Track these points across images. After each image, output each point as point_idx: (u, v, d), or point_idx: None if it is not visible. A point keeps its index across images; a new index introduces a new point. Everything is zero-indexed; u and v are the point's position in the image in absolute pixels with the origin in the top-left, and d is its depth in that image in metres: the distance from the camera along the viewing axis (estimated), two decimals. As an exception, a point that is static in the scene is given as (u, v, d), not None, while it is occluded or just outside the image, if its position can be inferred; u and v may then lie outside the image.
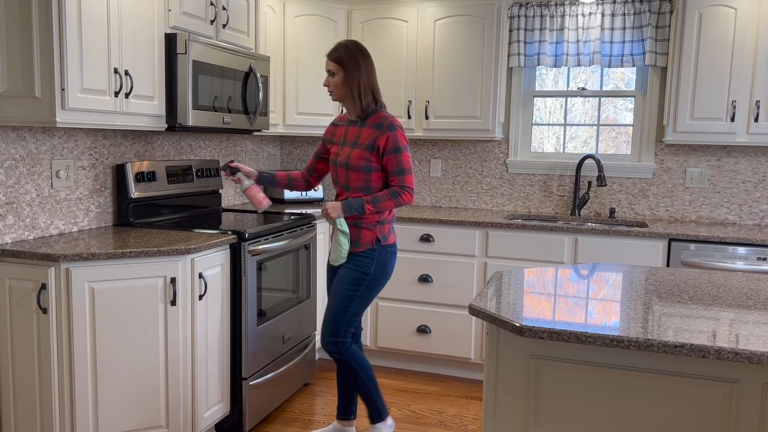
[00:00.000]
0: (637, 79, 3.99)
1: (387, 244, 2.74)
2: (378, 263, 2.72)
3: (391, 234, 2.77)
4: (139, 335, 2.52)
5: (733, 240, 3.28)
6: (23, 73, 2.37)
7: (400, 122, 2.73)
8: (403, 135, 2.66)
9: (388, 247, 2.74)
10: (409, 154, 2.67)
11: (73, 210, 2.88)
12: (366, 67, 2.67)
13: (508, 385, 1.79)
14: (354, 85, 2.66)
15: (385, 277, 2.76)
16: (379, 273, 2.74)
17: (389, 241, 2.75)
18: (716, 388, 1.59)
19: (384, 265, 2.74)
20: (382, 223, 2.72)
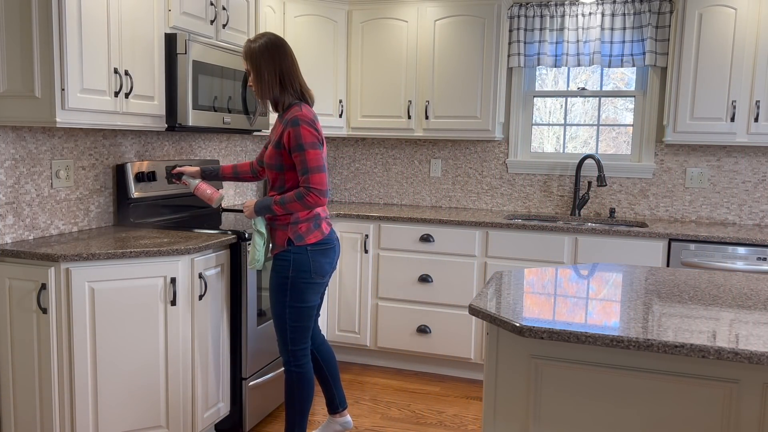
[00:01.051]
0: (637, 79, 3.99)
1: (304, 244, 2.54)
2: (294, 264, 2.54)
3: (312, 232, 2.56)
4: (139, 335, 2.52)
5: (733, 240, 3.28)
6: (23, 73, 2.37)
7: (310, 117, 2.47)
8: (309, 131, 2.44)
9: (308, 246, 2.55)
10: (316, 151, 2.45)
11: (73, 210, 2.88)
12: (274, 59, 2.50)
13: (508, 385, 1.79)
14: (263, 80, 2.51)
15: (309, 276, 2.56)
16: (300, 274, 2.54)
17: (307, 240, 2.54)
18: (716, 388, 1.59)
19: (304, 265, 2.54)
20: (296, 223, 2.54)
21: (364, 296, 3.92)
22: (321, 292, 2.66)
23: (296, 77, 2.55)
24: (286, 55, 2.53)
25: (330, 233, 2.64)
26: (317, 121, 2.53)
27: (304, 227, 2.55)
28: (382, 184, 4.52)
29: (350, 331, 3.97)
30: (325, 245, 2.60)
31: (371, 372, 3.91)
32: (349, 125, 4.21)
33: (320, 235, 2.58)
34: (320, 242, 2.58)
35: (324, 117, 4.13)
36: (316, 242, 2.57)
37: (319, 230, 2.59)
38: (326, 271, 2.62)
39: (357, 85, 4.15)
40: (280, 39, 2.54)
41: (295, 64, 2.56)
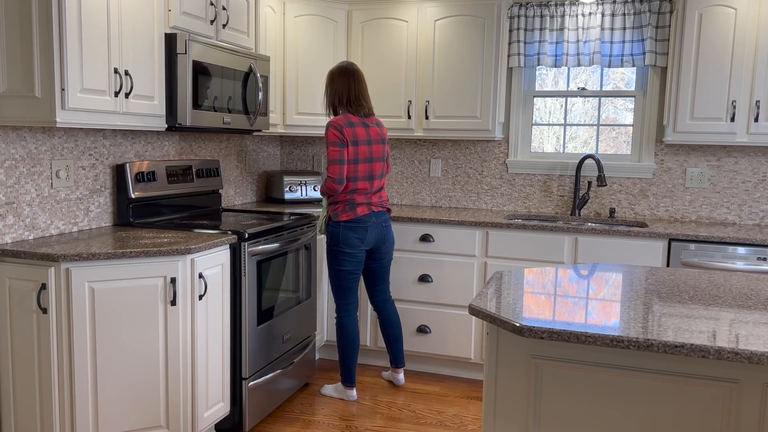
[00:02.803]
0: (637, 79, 3.99)
1: (338, 220, 3.25)
2: (332, 236, 3.28)
3: (346, 212, 3.24)
4: (139, 335, 2.52)
5: (733, 240, 3.28)
6: (23, 73, 2.37)
7: (339, 122, 3.19)
8: (333, 132, 3.18)
9: (341, 222, 3.25)
10: (334, 148, 3.18)
11: (73, 210, 2.88)
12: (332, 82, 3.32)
13: (508, 385, 1.79)
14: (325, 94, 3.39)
15: (340, 246, 3.27)
16: (332, 244, 3.29)
17: (340, 218, 3.25)
18: (716, 388, 1.59)
19: (336, 237, 3.26)
20: (335, 204, 3.28)
21: (364, 296, 3.92)
22: (356, 261, 3.32)
23: (345, 94, 3.28)
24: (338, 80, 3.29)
25: (366, 216, 3.27)
26: (349, 126, 3.20)
27: (340, 208, 3.26)
28: (382, 184, 4.51)
29: (350, 331, 3.97)
30: (355, 224, 3.25)
31: (371, 372, 3.91)
32: (349, 125, 4.21)
33: (353, 215, 3.24)
34: (351, 221, 3.24)
35: (324, 117, 4.13)
36: (347, 220, 3.24)
37: (353, 212, 3.24)
38: (354, 245, 3.27)
39: (357, 85, 4.15)
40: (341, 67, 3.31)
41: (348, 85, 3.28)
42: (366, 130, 3.26)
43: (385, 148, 3.36)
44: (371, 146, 3.27)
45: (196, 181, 3.51)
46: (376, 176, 3.30)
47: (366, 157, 3.26)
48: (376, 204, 3.32)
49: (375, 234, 3.32)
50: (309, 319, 3.61)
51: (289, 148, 4.71)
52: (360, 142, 3.22)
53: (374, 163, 3.29)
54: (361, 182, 3.25)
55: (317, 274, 3.78)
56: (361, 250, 3.31)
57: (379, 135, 3.32)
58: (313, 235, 3.59)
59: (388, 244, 3.42)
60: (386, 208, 3.41)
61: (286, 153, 4.72)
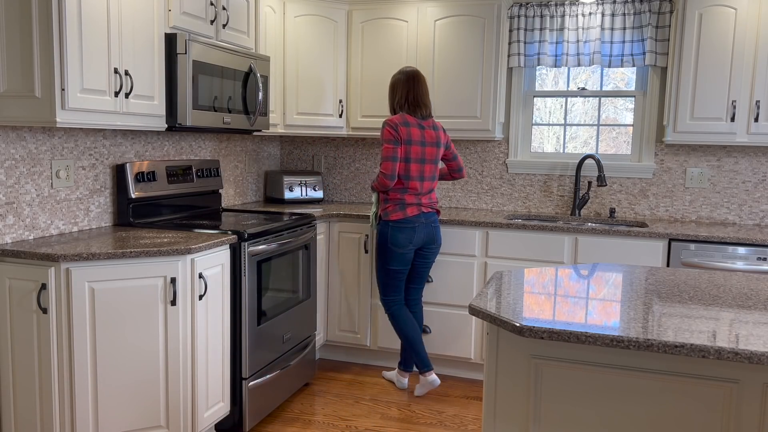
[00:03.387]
0: (637, 79, 3.99)
1: (388, 219, 3.32)
2: (381, 234, 3.36)
3: (395, 212, 3.31)
4: (139, 335, 2.52)
5: (733, 240, 3.28)
6: (23, 73, 2.37)
7: (395, 121, 3.27)
8: (387, 130, 3.27)
9: (390, 222, 3.31)
10: (387, 146, 3.26)
11: (73, 210, 2.88)
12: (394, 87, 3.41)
13: (508, 385, 1.79)
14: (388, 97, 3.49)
15: (387, 244, 3.34)
16: (381, 243, 3.36)
17: (390, 218, 3.31)
18: (716, 388, 1.59)
19: (385, 236, 3.34)
20: (386, 203, 3.36)
21: (364, 296, 3.92)
22: (404, 261, 3.38)
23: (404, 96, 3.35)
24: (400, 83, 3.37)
25: (414, 216, 3.32)
26: (404, 125, 3.27)
27: (390, 207, 3.34)
28: (382, 184, 4.52)
29: (350, 331, 3.97)
30: (403, 224, 3.32)
31: (371, 372, 3.91)
32: (349, 125, 4.21)
33: (402, 215, 3.31)
34: (400, 220, 3.31)
35: (324, 117, 4.13)
36: (396, 220, 3.31)
37: (403, 212, 3.32)
38: (401, 244, 3.33)
39: (357, 85, 4.15)
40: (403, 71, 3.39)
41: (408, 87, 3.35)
42: (421, 131, 3.32)
43: (438, 151, 3.38)
44: (425, 148, 3.32)
45: (196, 181, 3.51)
46: (426, 177, 3.35)
47: (418, 157, 3.30)
48: (425, 205, 3.38)
49: (423, 234, 3.38)
50: (309, 319, 3.61)
51: (289, 148, 4.71)
52: (414, 142, 3.28)
53: (426, 165, 3.34)
54: (412, 182, 3.31)
55: (317, 274, 3.78)
56: (409, 250, 3.37)
57: (434, 138, 3.35)
58: (312, 236, 3.59)
59: (436, 245, 3.47)
60: (435, 209, 3.45)
61: (286, 153, 4.72)
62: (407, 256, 3.38)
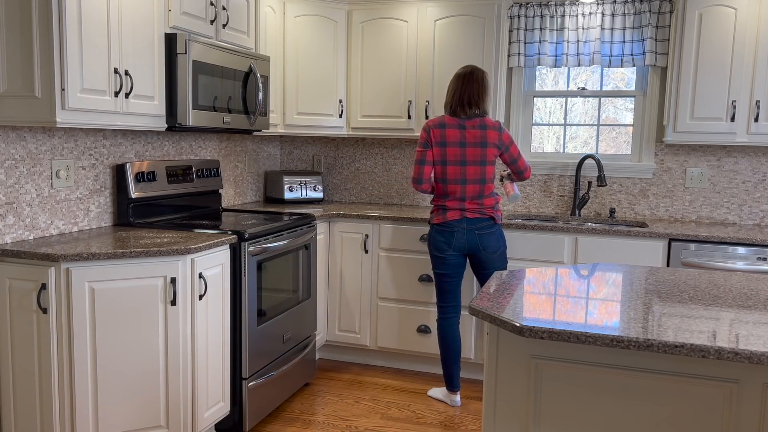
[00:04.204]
0: (637, 79, 3.99)
1: (432, 222, 3.34)
2: (428, 237, 3.38)
3: (436, 216, 3.30)
4: (139, 335, 2.52)
5: (733, 240, 3.28)
6: (23, 73, 2.37)
7: (431, 123, 3.27)
8: (421, 133, 3.30)
9: (433, 226, 3.32)
10: (418, 149, 3.28)
11: (73, 210, 2.88)
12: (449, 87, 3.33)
13: (508, 385, 1.79)
14: None
15: (430, 250, 3.35)
16: (429, 245, 3.37)
17: (433, 221, 3.33)
18: (716, 388, 1.59)
19: (429, 239, 3.36)
20: (432, 208, 3.37)
21: (364, 296, 3.92)
22: (446, 265, 3.31)
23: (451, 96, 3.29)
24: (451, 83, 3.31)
25: (455, 221, 3.25)
26: (439, 127, 3.24)
27: (434, 211, 3.35)
28: (382, 184, 4.52)
29: (350, 331, 3.97)
30: (443, 227, 3.28)
31: (371, 372, 3.91)
32: (349, 125, 4.21)
33: (442, 219, 3.28)
34: (440, 224, 3.28)
35: (324, 117, 4.14)
36: (436, 223, 3.30)
37: (443, 215, 3.28)
38: (441, 249, 3.29)
39: (357, 85, 4.15)
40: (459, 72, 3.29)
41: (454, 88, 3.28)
42: (461, 132, 3.20)
43: (485, 151, 3.21)
44: (464, 149, 3.19)
45: (196, 181, 3.51)
46: (469, 180, 3.21)
47: (457, 159, 3.20)
48: (471, 210, 3.23)
49: (465, 240, 3.24)
50: (309, 319, 3.61)
51: (289, 148, 4.71)
52: (449, 143, 3.19)
53: (468, 167, 3.20)
54: (451, 185, 3.22)
55: (317, 274, 3.78)
56: (451, 254, 3.27)
57: (478, 138, 3.19)
58: (312, 236, 3.59)
59: (486, 252, 3.26)
60: (487, 214, 3.25)
61: (286, 153, 4.72)
62: (449, 261, 3.28)
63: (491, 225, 3.26)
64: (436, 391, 3.54)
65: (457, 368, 3.42)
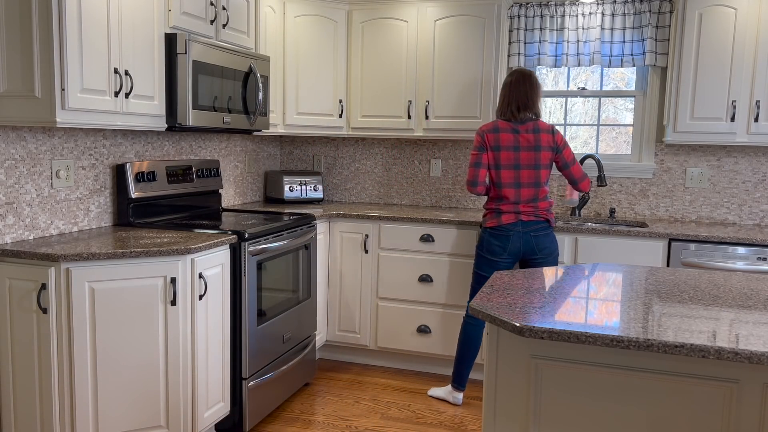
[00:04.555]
0: (637, 79, 3.99)
1: (485, 226, 3.31)
2: (479, 239, 3.36)
3: (491, 220, 3.28)
4: (139, 335, 2.52)
5: (733, 240, 3.28)
6: (23, 73, 2.37)
7: (485, 128, 3.28)
8: (475, 137, 3.30)
9: (487, 229, 3.30)
10: (473, 152, 3.28)
11: (73, 210, 2.88)
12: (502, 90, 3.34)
13: (508, 385, 1.79)
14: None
15: (482, 251, 3.31)
16: (479, 248, 3.33)
17: (487, 224, 3.30)
18: (716, 388, 1.59)
19: (481, 242, 3.32)
20: (486, 210, 3.35)
21: (364, 296, 3.92)
22: (498, 269, 3.28)
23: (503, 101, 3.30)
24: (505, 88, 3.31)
25: (510, 224, 3.24)
26: (493, 132, 3.24)
27: (487, 215, 3.33)
28: (382, 184, 4.52)
29: (350, 331, 3.97)
30: (498, 231, 3.26)
31: (371, 372, 3.91)
32: (349, 125, 4.21)
33: (497, 222, 3.26)
34: (495, 227, 3.27)
35: (324, 117, 4.13)
36: (491, 227, 3.28)
37: (498, 219, 3.26)
38: (494, 252, 3.27)
39: (357, 85, 4.15)
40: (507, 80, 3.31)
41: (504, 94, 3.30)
42: (515, 136, 3.20)
43: (539, 155, 3.21)
44: (518, 152, 3.20)
45: (196, 181, 3.51)
46: (524, 184, 3.21)
47: (511, 163, 3.21)
48: (526, 213, 3.23)
49: (521, 243, 3.23)
50: (309, 319, 3.61)
51: (289, 148, 4.71)
52: (503, 147, 3.20)
53: (522, 170, 3.21)
54: (506, 189, 3.21)
55: (317, 274, 3.78)
56: (505, 259, 3.26)
57: (531, 142, 3.20)
58: (312, 236, 3.59)
59: (543, 254, 3.26)
60: (542, 217, 3.25)
61: (286, 153, 4.72)
62: (500, 266, 3.27)
63: (546, 227, 3.27)
64: (437, 391, 3.54)
65: (470, 369, 3.44)
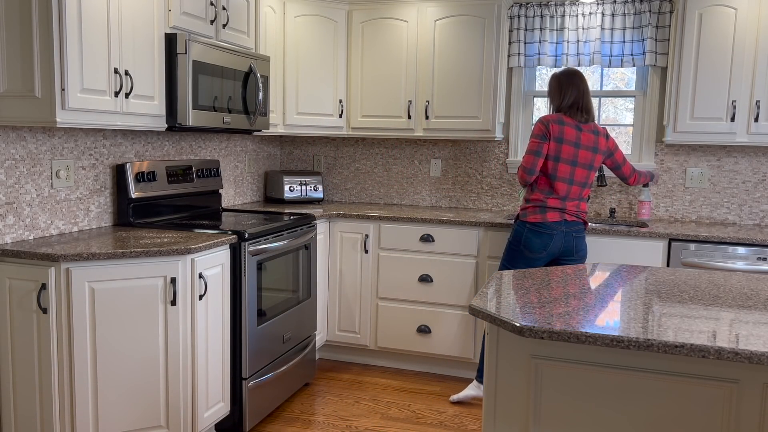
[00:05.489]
0: (637, 79, 3.99)
1: (525, 220, 3.19)
2: (515, 233, 3.23)
3: (534, 215, 3.17)
4: (139, 335, 2.52)
5: (733, 240, 3.28)
6: (23, 73, 2.37)
7: (548, 118, 3.18)
8: (538, 125, 3.18)
9: (527, 224, 3.18)
10: (533, 140, 3.16)
11: (73, 210, 2.88)
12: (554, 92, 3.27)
13: (508, 385, 1.79)
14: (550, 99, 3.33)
15: (519, 247, 3.20)
16: (515, 242, 3.22)
17: (528, 218, 3.18)
18: (716, 388, 1.59)
19: (518, 237, 3.20)
20: (527, 202, 3.23)
21: (364, 296, 3.92)
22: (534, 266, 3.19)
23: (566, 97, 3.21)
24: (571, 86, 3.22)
25: (555, 222, 3.16)
26: (558, 123, 3.15)
27: (530, 208, 3.20)
28: (382, 184, 4.52)
29: (350, 331, 3.97)
30: (541, 228, 3.16)
31: (371, 372, 3.91)
32: (349, 125, 4.21)
33: (540, 218, 3.16)
34: (538, 224, 3.16)
35: (324, 117, 4.13)
36: (533, 222, 3.16)
37: (543, 215, 3.16)
38: (534, 249, 3.17)
39: (357, 85, 4.15)
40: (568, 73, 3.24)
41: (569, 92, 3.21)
42: (578, 132, 3.16)
43: (595, 157, 3.20)
44: (578, 150, 3.15)
45: (196, 181, 3.51)
46: (576, 182, 3.17)
47: (570, 158, 3.15)
48: (570, 212, 3.19)
49: (561, 243, 3.18)
50: (309, 319, 3.61)
51: (289, 148, 4.71)
52: (566, 141, 3.14)
53: (577, 168, 3.16)
54: (559, 183, 3.14)
55: (317, 274, 3.78)
56: (543, 257, 3.20)
57: (592, 142, 3.18)
58: (312, 235, 3.59)
59: (578, 256, 3.24)
60: (582, 219, 3.24)
61: (286, 153, 4.72)
62: (537, 263, 3.20)
63: (583, 229, 3.26)
64: (464, 394, 3.44)
65: None
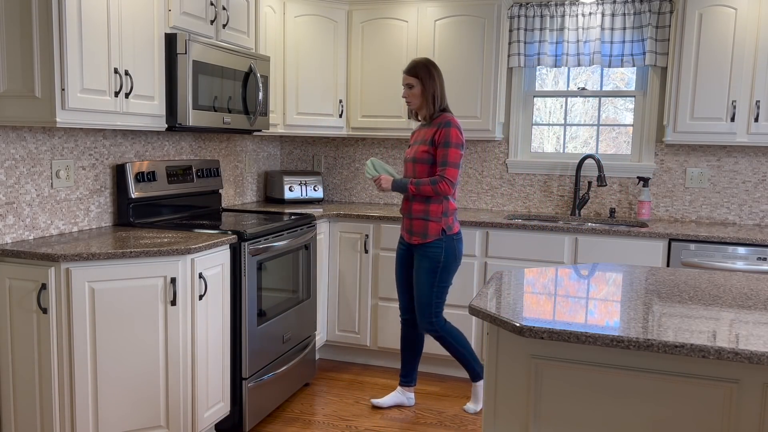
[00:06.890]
0: (637, 79, 3.99)
1: (452, 233, 3.09)
2: (446, 251, 3.08)
3: (455, 224, 3.11)
4: (139, 335, 2.52)
5: (733, 240, 3.28)
6: (23, 73, 2.37)
7: (458, 123, 3.04)
8: (457, 133, 2.98)
9: (454, 236, 3.10)
10: (458, 151, 2.98)
11: (73, 210, 2.88)
12: (438, 79, 3.07)
13: (508, 385, 1.79)
14: (429, 94, 3.06)
15: (455, 261, 3.13)
16: (450, 259, 3.10)
17: (454, 230, 3.10)
18: (716, 388, 1.59)
19: (452, 251, 3.10)
20: (446, 215, 3.07)
21: (364, 296, 3.92)
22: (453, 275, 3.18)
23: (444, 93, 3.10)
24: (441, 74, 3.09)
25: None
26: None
27: (451, 220, 3.09)
28: (382, 184, 4.51)
29: (350, 331, 3.97)
30: (461, 235, 3.15)
31: (371, 372, 3.91)
32: (349, 125, 4.21)
33: (458, 227, 3.14)
34: (459, 232, 3.14)
35: (324, 117, 4.13)
36: (457, 232, 3.12)
37: (457, 223, 3.13)
38: (460, 256, 3.15)
39: (357, 85, 4.15)
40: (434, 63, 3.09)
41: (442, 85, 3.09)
42: None
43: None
44: None
45: (196, 181, 3.51)
46: None
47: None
48: None
49: None
50: (309, 319, 3.61)
51: (289, 148, 4.71)
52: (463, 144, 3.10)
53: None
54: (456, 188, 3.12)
55: (317, 274, 3.78)
56: None
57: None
58: (313, 236, 3.59)
59: None
60: None
61: (286, 153, 4.72)
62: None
63: None
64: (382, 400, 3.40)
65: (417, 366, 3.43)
